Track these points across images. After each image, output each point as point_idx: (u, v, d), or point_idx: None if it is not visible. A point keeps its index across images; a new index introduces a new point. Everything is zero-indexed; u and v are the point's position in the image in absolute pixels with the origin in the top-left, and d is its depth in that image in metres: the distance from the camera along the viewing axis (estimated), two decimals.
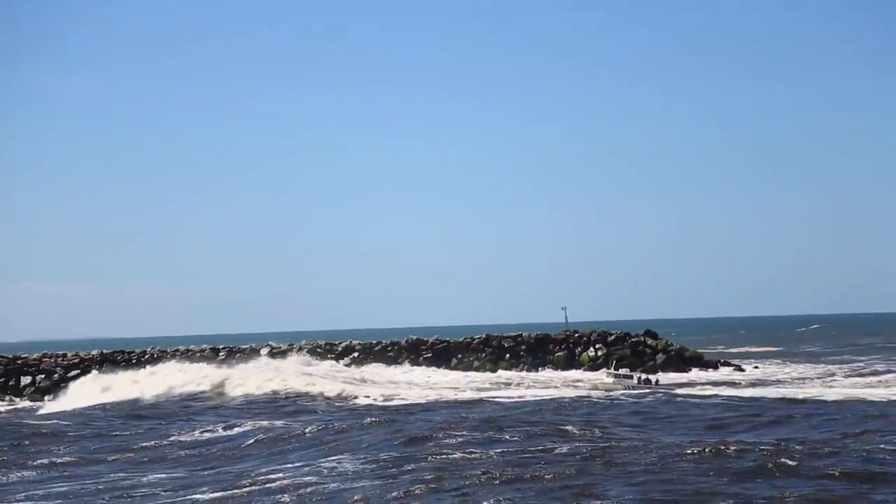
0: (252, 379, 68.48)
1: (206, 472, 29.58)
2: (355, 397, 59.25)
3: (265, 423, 42.71)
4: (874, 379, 67.62)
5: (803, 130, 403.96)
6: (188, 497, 25.14)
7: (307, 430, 37.80)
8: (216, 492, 25.51)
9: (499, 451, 29.65)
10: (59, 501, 26.16)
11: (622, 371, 68.95)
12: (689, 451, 28.20)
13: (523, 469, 26.06)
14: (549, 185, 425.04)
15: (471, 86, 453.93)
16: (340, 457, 30.29)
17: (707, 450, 28.31)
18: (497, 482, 24.38)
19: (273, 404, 55.65)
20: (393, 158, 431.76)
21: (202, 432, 40.47)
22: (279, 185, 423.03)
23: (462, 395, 58.49)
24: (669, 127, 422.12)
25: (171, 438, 39.12)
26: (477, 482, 24.45)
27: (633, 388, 62.47)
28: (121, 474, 30.30)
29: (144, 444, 37.80)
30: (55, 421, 48.64)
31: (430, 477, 25.28)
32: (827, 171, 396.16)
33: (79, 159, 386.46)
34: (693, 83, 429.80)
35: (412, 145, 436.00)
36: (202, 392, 65.09)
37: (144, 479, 29.10)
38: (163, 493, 26.12)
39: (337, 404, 55.16)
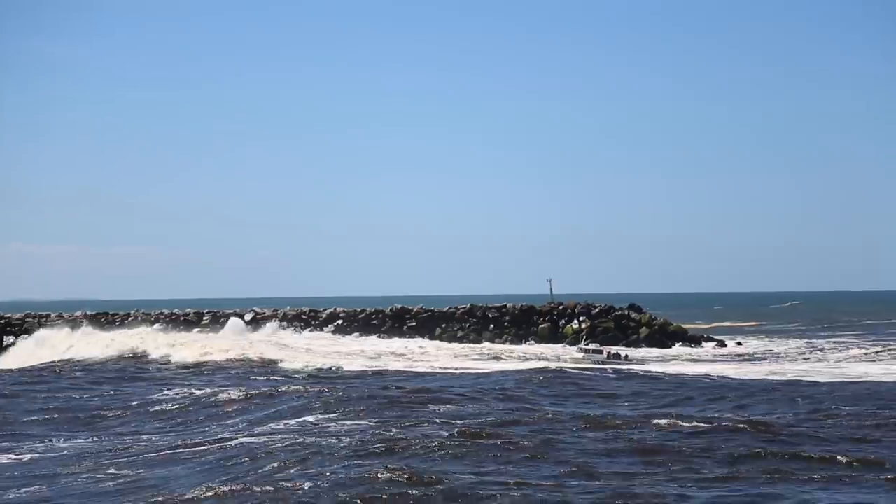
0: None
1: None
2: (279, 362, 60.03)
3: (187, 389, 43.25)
4: (860, 352, 67.95)
5: (785, 109, 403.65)
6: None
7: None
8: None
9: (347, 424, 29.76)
10: None
11: (592, 346, 68.87)
12: (577, 425, 28.61)
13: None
14: (538, 159, 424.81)
15: (460, 62, 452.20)
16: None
17: (586, 425, 28.50)
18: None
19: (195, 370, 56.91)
20: (384, 133, 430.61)
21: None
22: (273, 156, 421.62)
23: (413, 367, 58.46)
24: (658, 104, 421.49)
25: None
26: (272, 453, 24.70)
27: (603, 362, 62.35)
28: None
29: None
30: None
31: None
32: (807, 153, 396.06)
33: (74, 124, 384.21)
34: (682, 62, 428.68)
35: (401, 120, 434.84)
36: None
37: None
38: None
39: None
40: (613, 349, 68.93)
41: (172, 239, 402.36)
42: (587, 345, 69.46)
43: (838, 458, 23.92)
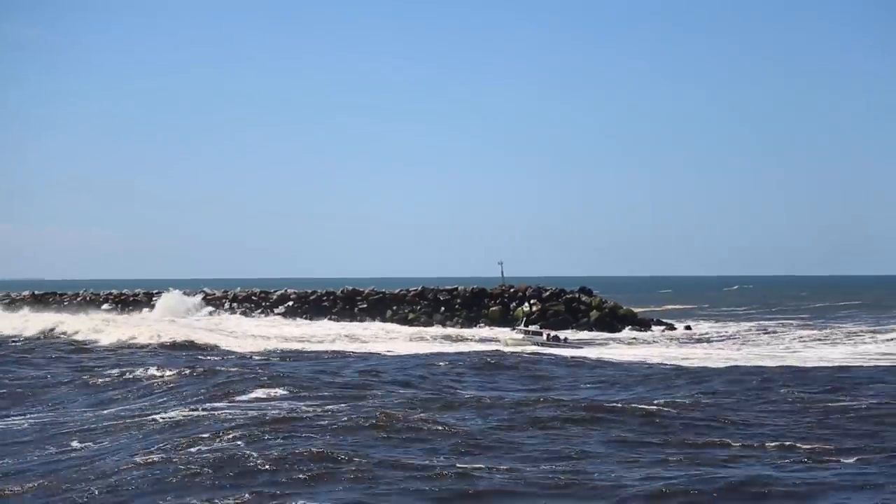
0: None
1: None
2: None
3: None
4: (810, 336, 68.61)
5: (748, 92, 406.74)
6: None
7: None
8: None
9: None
10: None
11: (532, 328, 69.33)
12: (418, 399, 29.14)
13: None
14: (492, 142, 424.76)
15: (427, 50, 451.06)
16: None
17: (439, 405, 28.80)
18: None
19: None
20: (339, 118, 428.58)
21: None
22: (231, 138, 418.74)
23: (333, 346, 58.47)
24: (616, 90, 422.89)
25: None
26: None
27: (542, 344, 63.38)
28: None
29: None
30: None
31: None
32: (761, 139, 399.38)
33: (25, 101, 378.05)
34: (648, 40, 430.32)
35: (359, 105, 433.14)
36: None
37: None
38: None
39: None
40: (552, 332, 69.38)
41: (130, 220, 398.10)
42: (527, 327, 69.92)
43: (708, 439, 24.15)
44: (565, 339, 66.91)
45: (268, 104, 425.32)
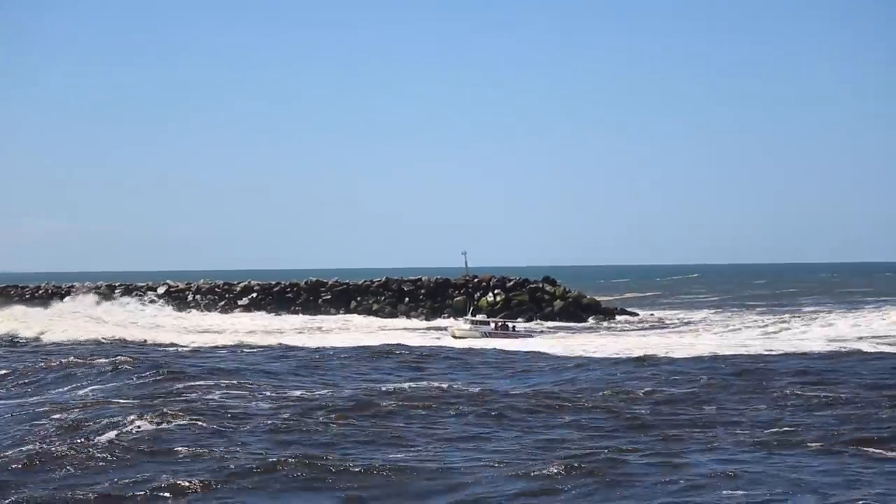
0: None
1: None
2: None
3: None
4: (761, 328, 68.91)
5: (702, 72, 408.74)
6: None
7: None
8: None
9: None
10: None
11: (479, 317, 69.38)
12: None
13: None
14: (454, 129, 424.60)
15: (393, 32, 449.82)
16: None
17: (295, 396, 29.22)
18: None
19: None
20: (302, 103, 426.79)
21: None
22: (185, 126, 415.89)
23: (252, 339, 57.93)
24: (582, 75, 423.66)
25: None
26: None
27: (490, 334, 63.61)
28: None
29: None
30: None
31: None
32: (714, 125, 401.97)
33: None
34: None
35: (320, 88, 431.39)
36: None
37: None
38: None
39: None
40: (501, 321, 69.62)
41: (87, 212, 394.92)
42: (475, 316, 69.92)
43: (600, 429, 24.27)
44: (513, 328, 67.08)
45: (227, 85, 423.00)
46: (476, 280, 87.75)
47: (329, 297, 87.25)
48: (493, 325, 66.35)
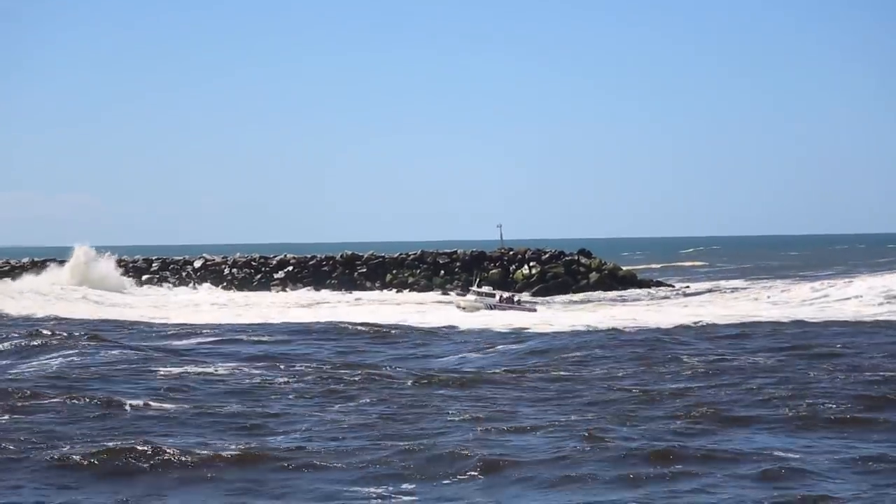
0: None
1: None
2: None
3: None
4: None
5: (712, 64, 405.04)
6: None
7: None
8: None
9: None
10: None
11: (485, 289, 69.23)
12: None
13: None
14: (489, 105, 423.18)
15: (425, 20, 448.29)
16: None
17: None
18: None
19: None
20: (336, 78, 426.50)
21: None
22: (219, 97, 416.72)
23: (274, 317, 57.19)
24: (619, 48, 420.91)
25: None
26: None
27: (495, 306, 63.23)
28: None
29: None
30: None
31: None
32: (725, 106, 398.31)
33: (26, 71, 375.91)
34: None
35: (353, 66, 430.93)
36: None
37: None
38: None
39: None
40: (506, 294, 69.68)
41: (114, 187, 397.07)
42: (480, 288, 69.86)
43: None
44: (518, 301, 67.07)
45: (263, 71, 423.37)
46: (511, 253, 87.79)
47: (364, 270, 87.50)
48: (498, 297, 66.42)
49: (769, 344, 36.40)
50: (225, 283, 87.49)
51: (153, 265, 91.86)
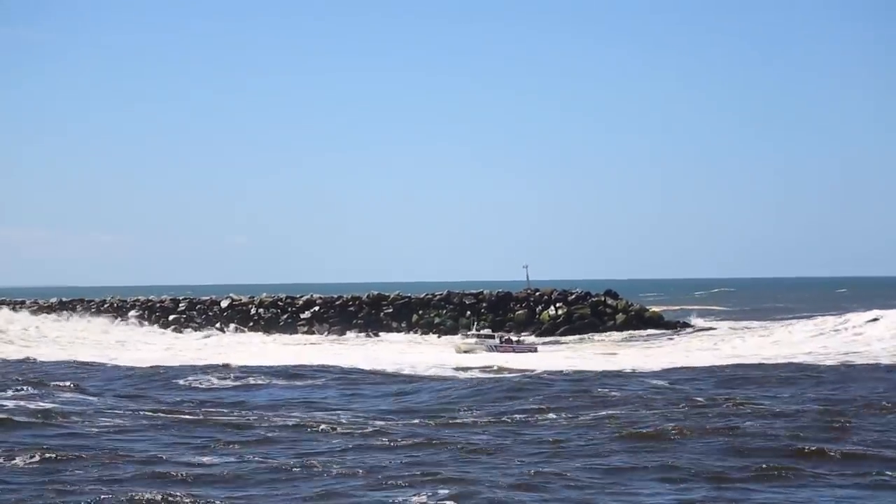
0: None
1: None
2: None
3: None
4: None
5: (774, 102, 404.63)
6: None
7: None
8: None
9: None
10: None
11: (484, 332, 69.49)
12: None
13: None
14: (515, 141, 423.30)
15: (443, 44, 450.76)
16: None
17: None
18: None
19: None
20: (361, 117, 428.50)
21: None
22: (241, 132, 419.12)
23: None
24: (638, 87, 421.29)
25: None
26: None
27: (497, 348, 63.57)
28: None
29: None
30: None
31: None
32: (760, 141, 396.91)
33: (35, 102, 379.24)
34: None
35: (378, 104, 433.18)
36: None
37: None
38: None
39: None
40: (506, 335, 69.98)
41: (136, 226, 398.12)
42: (479, 330, 69.91)
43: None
44: (519, 342, 67.54)
45: (277, 99, 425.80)
46: (538, 293, 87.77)
47: (391, 310, 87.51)
48: (498, 339, 66.62)
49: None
50: (252, 324, 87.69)
51: (180, 305, 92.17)
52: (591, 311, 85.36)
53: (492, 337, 66.49)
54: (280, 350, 68.05)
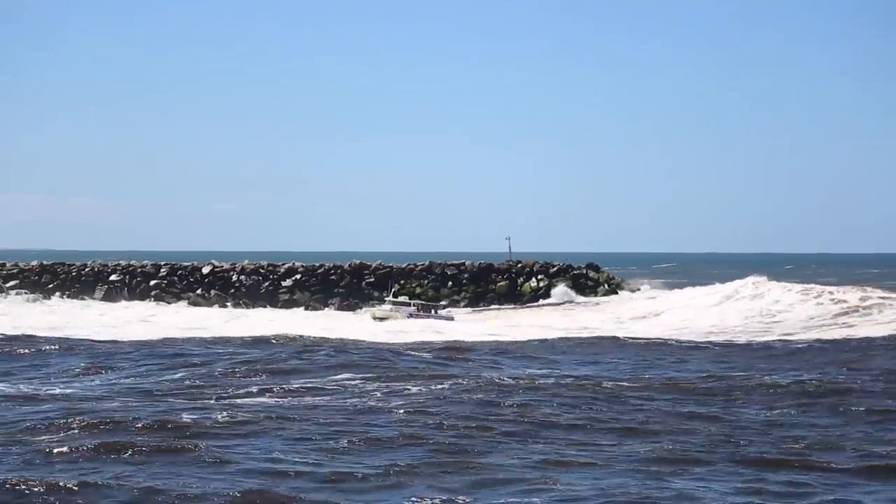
0: None
1: None
2: None
3: None
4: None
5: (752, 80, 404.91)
6: None
7: None
8: None
9: None
10: None
11: (401, 299, 71.98)
12: None
13: None
14: (499, 117, 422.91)
15: (428, 22, 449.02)
16: None
17: None
18: None
19: None
20: (346, 87, 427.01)
21: None
22: (229, 97, 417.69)
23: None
24: (627, 64, 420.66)
25: None
26: None
27: (413, 315, 66.66)
28: None
29: None
30: None
31: None
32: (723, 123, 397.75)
33: (27, 71, 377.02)
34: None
35: (365, 75, 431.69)
36: None
37: None
38: None
39: None
40: (423, 303, 72.69)
41: (118, 190, 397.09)
42: (396, 297, 72.57)
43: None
44: (435, 311, 69.85)
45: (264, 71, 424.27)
46: (519, 265, 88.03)
47: (372, 279, 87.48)
48: (413, 306, 68.86)
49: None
50: (233, 291, 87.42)
51: (161, 270, 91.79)
52: (572, 283, 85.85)
53: (408, 304, 68.98)
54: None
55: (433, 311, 69.25)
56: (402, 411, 25.09)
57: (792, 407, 26.45)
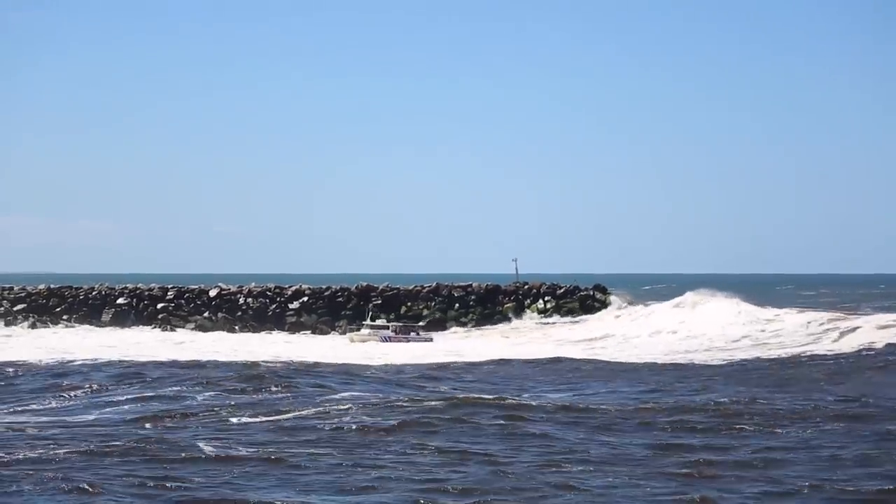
0: None
1: None
2: None
3: None
4: None
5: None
6: None
7: None
8: None
9: None
10: None
11: (379, 322, 72.00)
12: None
13: None
14: (506, 138, 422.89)
15: (440, 35, 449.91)
16: None
17: None
18: None
19: None
20: (350, 107, 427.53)
21: None
22: (231, 119, 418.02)
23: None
24: (634, 85, 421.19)
25: None
26: None
27: (390, 339, 67.28)
28: None
29: None
30: None
31: None
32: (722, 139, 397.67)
33: (28, 90, 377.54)
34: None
35: (369, 94, 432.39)
36: None
37: None
38: None
39: None
40: (401, 324, 73.26)
41: (122, 212, 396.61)
42: (374, 321, 72.62)
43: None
44: (417, 333, 70.77)
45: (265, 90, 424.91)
46: (527, 287, 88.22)
47: (379, 301, 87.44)
48: (391, 329, 68.95)
49: None
50: (239, 314, 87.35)
51: (168, 294, 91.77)
52: (579, 304, 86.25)
53: (385, 328, 69.04)
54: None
55: (412, 334, 69.35)
56: None
57: None
